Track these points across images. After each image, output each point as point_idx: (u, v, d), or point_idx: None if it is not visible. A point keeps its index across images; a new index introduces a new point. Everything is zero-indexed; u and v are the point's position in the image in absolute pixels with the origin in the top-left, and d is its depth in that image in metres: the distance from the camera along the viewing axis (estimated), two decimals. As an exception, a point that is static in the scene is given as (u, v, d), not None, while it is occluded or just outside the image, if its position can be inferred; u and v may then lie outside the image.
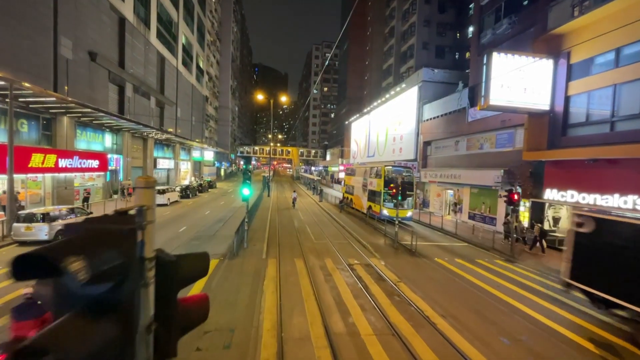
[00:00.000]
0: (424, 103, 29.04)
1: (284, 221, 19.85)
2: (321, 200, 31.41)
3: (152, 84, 34.20)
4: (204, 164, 60.40)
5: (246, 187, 11.94)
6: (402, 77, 39.80)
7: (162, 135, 33.75)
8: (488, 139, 20.41)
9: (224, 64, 73.89)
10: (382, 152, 38.43)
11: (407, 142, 31.32)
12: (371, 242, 14.81)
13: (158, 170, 38.81)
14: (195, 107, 52.04)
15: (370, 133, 43.74)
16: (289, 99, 40.09)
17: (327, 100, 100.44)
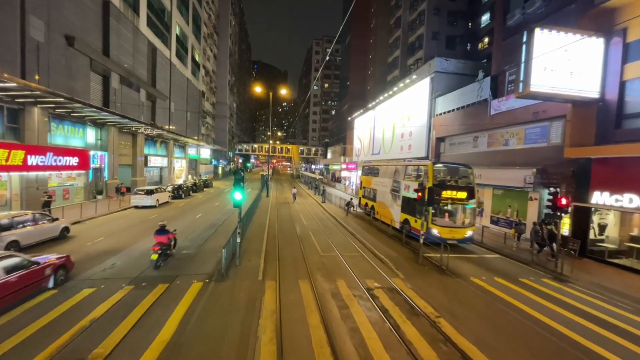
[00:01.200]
0: (436, 96, 26.67)
1: (284, 227, 17.51)
2: (324, 201, 29.06)
3: (141, 76, 31.75)
4: (201, 162, 57.97)
5: (238, 190, 9.58)
6: (409, 69, 37.38)
7: (153, 131, 31.32)
8: (515, 134, 18.07)
9: (221, 58, 71.33)
10: (388, 150, 36.08)
11: (417, 139, 28.97)
12: (388, 254, 12.47)
13: (150, 169, 36.42)
14: (190, 102, 49.57)
15: (375, 129, 41.37)
16: (289, 91, 38.31)
17: (327, 96, 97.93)
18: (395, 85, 33.92)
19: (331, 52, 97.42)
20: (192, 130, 51.16)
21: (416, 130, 29.17)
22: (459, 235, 13.91)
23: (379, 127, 39.74)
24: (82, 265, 9.79)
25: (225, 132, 73.47)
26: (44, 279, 7.97)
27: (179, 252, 11.74)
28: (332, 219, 20.80)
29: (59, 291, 8.06)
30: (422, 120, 28.20)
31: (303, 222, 19.29)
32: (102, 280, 8.84)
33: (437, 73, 26.84)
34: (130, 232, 14.76)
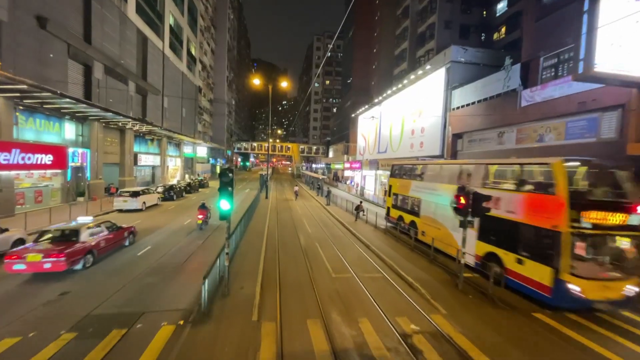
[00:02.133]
0: (452, 88, 24.21)
1: (286, 235, 15.09)
2: (328, 203, 26.60)
3: (130, 67, 29.25)
4: (197, 160, 55.55)
5: (225, 197, 7.14)
6: (419, 61, 34.91)
7: (142, 127, 28.84)
8: (553, 128, 15.61)
9: (219, 53, 68.78)
10: (396, 148, 33.62)
11: (430, 135, 26.51)
12: (417, 275, 9.99)
13: (140, 168, 33.97)
14: (186, 97, 47.06)
15: (381, 126, 38.88)
16: (289, 83, 36.31)
17: (329, 94, 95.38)
18: (404, 78, 31.45)
19: (333, 49, 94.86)
20: (188, 127, 48.69)
21: (429, 126, 26.72)
22: (615, 293, 7.61)
23: (385, 123, 37.26)
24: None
25: (223, 130, 71.00)
26: (124, 238, 12.24)
27: (151, 275, 9.28)
28: (339, 225, 18.36)
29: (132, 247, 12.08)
30: (436, 115, 25.74)
31: (307, 229, 16.85)
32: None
33: (453, 63, 24.36)
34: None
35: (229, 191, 7.09)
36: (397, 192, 17.55)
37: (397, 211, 17.12)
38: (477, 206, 8.48)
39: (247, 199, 27.85)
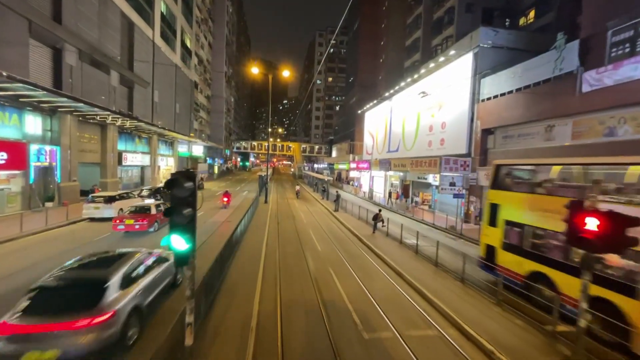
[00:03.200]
0: (482, 76, 20.87)
1: (289, 257, 11.73)
2: (337, 209, 23.24)
3: (113, 54, 25.96)
4: (193, 160, 52.25)
5: (179, 230, 3.77)
6: (435, 51, 31.60)
7: (127, 122, 25.54)
8: (631, 118, 12.26)
9: (217, 47, 65.51)
10: (410, 146, 30.27)
11: (453, 131, 23.17)
12: (492, 333, 6.58)
13: (126, 168, 30.69)
14: (180, 92, 43.81)
15: (391, 123, 35.56)
16: (292, 73, 33.61)
17: (331, 91, 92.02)
18: (418, 69, 28.06)
19: (335, 44, 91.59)
20: (183, 124, 45.42)
21: (452, 120, 23.38)
22: None
23: (397, 119, 33.93)
24: None
25: (222, 128, 67.75)
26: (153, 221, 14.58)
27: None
28: (354, 240, 15.01)
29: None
30: (460, 108, 22.41)
31: (316, 245, 13.50)
32: None
33: (482, 48, 21.00)
34: (39, 270, 8.85)
35: (186, 216, 3.73)
36: (509, 220, 9.05)
37: (512, 256, 8.77)
38: None
39: (245, 203, 24.53)
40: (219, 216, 19.26)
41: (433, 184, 25.96)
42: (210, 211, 20.92)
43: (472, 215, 20.98)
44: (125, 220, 13.43)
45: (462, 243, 15.50)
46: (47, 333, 4.49)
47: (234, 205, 23.80)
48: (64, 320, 4.60)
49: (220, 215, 19.45)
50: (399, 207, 26.88)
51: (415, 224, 20.14)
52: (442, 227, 19.08)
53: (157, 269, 7.05)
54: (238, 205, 23.83)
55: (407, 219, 22.11)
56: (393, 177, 36.14)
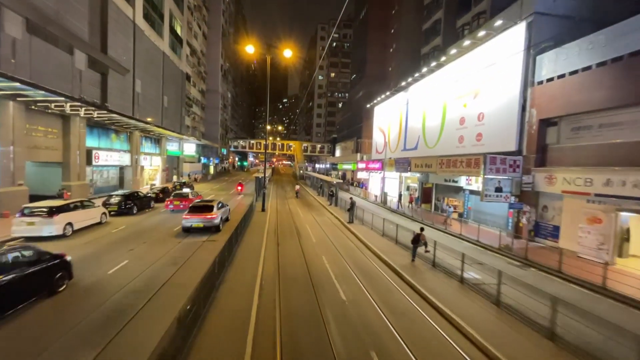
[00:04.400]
0: (538, 51, 16.37)
1: (298, 319, 7.11)
2: (351, 220, 18.65)
3: (77, 31, 21.43)
4: (185, 159, 47.73)
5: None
6: (461, 32, 27.13)
7: (93, 113, 21.00)
8: None
9: (212, 38, 60.98)
10: (433, 143, 25.76)
11: (495, 124, 18.67)
12: None
13: (100, 168, 26.17)
14: (169, 84, 39.29)
15: (408, 117, 31.05)
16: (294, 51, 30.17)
17: (334, 87, 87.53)
18: (447, 50, 23.51)
19: (339, 38, 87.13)
20: (172, 120, 40.89)
21: (492, 110, 18.89)
22: None
23: (415, 112, 29.42)
24: None
25: (217, 126, 63.21)
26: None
27: None
28: (390, 275, 10.36)
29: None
30: (505, 95, 17.92)
31: (335, 286, 8.93)
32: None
33: (537, 15, 16.49)
34: None
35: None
36: None
37: None
38: None
39: (236, 213, 20.01)
40: (236, 199, 26.81)
41: (466, 188, 21.47)
42: (229, 196, 27.54)
43: (525, 229, 16.46)
44: (173, 202, 20.14)
45: (539, 275, 11.00)
46: (199, 218, 14.37)
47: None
48: (203, 214, 14.49)
49: (237, 199, 26.93)
50: (421, 214, 22.36)
51: (452, 240, 15.64)
52: (492, 246, 14.57)
53: (225, 207, 17.21)
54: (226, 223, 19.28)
55: (436, 232, 17.61)
56: (410, 179, 31.64)
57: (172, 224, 16.44)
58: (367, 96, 46.50)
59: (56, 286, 7.71)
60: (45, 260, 7.51)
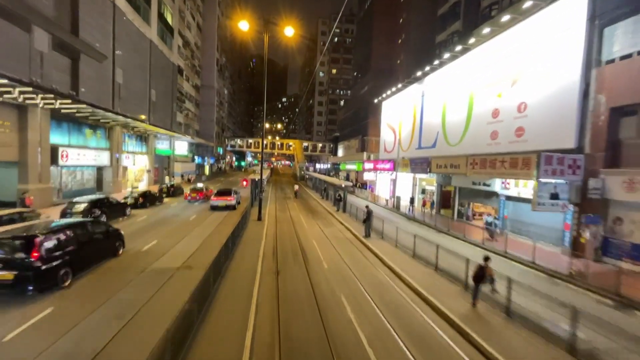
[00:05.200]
0: (605, 23, 12.96)
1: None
2: (368, 234, 15.09)
3: (35, 4, 17.89)
4: (177, 159, 44.15)
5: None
6: (487, 13, 23.70)
7: (54, 102, 17.44)
8: None
9: (208, 31, 57.43)
10: (457, 140, 22.32)
11: (544, 115, 15.24)
12: None
13: (71, 169, 22.63)
14: (158, 76, 35.74)
15: (424, 111, 27.62)
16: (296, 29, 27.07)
17: (336, 84, 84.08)
18: (477, 30, 20.09)
19: (340, 33, 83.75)
20: (161, 115, 37.35)
21: (540, 99, 15.46)
22: None
23: (433, 105, 25.99)
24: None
25: (213, 123, 59.64)
26: (209, 197, 24.83)
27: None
28: (444, 326, 6.99)
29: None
30: (559, 79, 14.51)
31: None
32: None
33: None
34: None
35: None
36: None
37: None
38: None
39: (224, 224, 16.52)
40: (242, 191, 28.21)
41: (501, 193, 18.03)
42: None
43: (589, 246, 13.00)
44: (191, 194, 25.30)
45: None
46: (222, 200, 21.67)
47: (203, 230, 15.85)
48: (225, 197, 21.77)
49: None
50: (446, 224, 18.91)
51: (498, 260, 12.20)
52: (558, 272, 11.13)
53: (238, 194, 23.90)
54: (214, 228, 15.82)
55: (471, 247, 14.16)
56: (425, 181, 28.21)
57: (147, 236, 12.91)
58: (373, 91, 43.07)
59: (117, 251, 10.69)
60: (112, 232, 10.63)
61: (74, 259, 8.38)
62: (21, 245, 7.31)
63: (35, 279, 7.10)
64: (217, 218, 18.32)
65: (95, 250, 9.52)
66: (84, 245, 8.93)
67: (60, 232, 8.27)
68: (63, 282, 7.92)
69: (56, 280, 7.71)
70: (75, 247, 8.52)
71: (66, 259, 8.08)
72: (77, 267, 8.60)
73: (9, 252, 7.23)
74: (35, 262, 7.19)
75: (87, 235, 9.29)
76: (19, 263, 7.09)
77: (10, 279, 6.86)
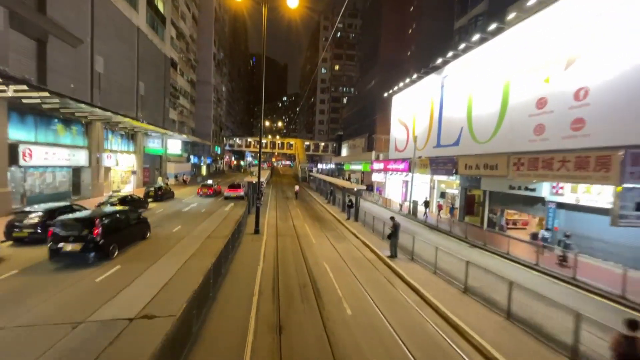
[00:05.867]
0: None
1: None
2: (394, 254, 11.85)
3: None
4: (169, 158, 40.99)
5: None
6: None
7: (8, 90, 14.28)
8: None
9: (204, 23, 54.34)
10: (487, 136, 19.14)
11: (614, 103, 12.06)
12: None
13: (39, 170, 19.46)
14: (147, 68, 32.63)
15: (443, 104, 24.44)
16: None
17: (338, 81, 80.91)
18: (519, 5, 16.91)
19: (343, 28, 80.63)
20: (152, 111, 34.23)
21: (607, 83, 12.30)
22: None
23: (455, 98, 22.82)
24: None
25: (210, 121, 56.50)
26: (218, 192, 29.81)
27: None
28: None
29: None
30: (637, 56, 11.32)
31: None
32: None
33: None
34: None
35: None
36: None
37: None
38: None
39: (211, 238, 13.36)
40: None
41: (550, 199, 14.85)
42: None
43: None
44: (202, 190, 28.49)
45: None
46: (234, 192, 27.45)
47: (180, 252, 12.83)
48: (236, 190, 27.66)
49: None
50: (481, 236, 15.72)
51: (566, 292, 9.05)
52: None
53: (245, 187, 26.29)
54: (195, 249, 12.74)
55: (520, 269, 10.99)
56: (445, 183, 25.06)
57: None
58: (382, 85, 39.91)
59: (145, 235, 13.26)
60: (142, 220, 13.25)
61: (119, 238, 10.99)
62: (86, 224, 9.83)
63: (95, 249, 9.69)
64: (208, 227, 15.21)
65: (132, 233, 12.15)
66: (125, 228, 11.57)
67: (111, 217, 10.81)
68: (112, 255, 10.47)
69: (108, 252, 10.22)
70: (120, 228, 11.14)
71: (114, 237, 10.65)
72: (121, 244, 11.16)
73: (78, 230, 9.71)
74: (96, 238, 9.73)
75: (127, 220, 11.87)
76: (84, 237, 9.62)
77: (78, 249, 9.48)
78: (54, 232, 9.57)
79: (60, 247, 9.37)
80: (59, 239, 9.44)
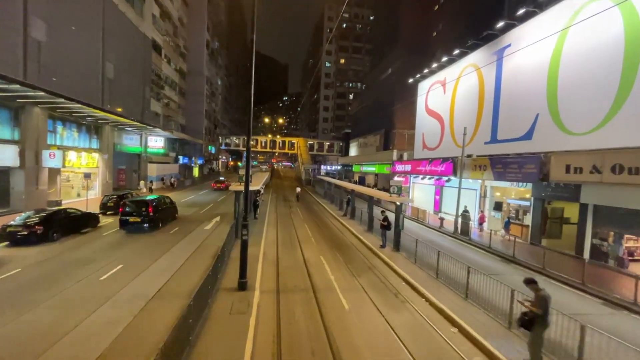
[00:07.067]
0: None
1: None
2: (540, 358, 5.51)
3: None
4: (151, 158, 34.56)
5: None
6: None
7: None
8: None
9: (196, 5, 48.11)
10: (592, 125, 12.79)
11: None
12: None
13: None
14: (118, 46, 26.30)
15: (502, 85, 18.07)
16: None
17: (344, 75, 74.71)
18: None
19: (350, 18, 74.56)
20: (126, 100, 27.90)
21: None
22: None
23: (524, 73, 16.43)
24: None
25: (202, 116, 50.18)
26: (227, 186, 35.21)
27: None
28: None
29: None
30: None
31: None
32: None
33: None
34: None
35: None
36: None
37: None
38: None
39: (184, 282, 7.20)
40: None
41: None
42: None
43: None
44: (217, 184, 35.38)
45: None
46: (220, 182, 36.52)
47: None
48: (222, 182, 36.61)
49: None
50: (592, 277, 9.39)
51: None
52: None
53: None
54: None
55: None
56: (501, 192, 18.67)
57: None
58: (401, 72, 33.67)
59: (175, 216, 18.30)
60: (173, 204, 18.33)
61: (161, 216, 16.09)
62: (144, 205, 15.06)
63: (149, 221, 14.82)
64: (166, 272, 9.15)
65: (168, 212, 17.34)
66: (164, 209, 16.65)
67: (157, 201, 15.89)
68: (159, 227, 15.66)
69: (158, 224, 15.52)
70: (162, 209, 16.32)
71: (159, 215, 15.74)
72: (163, 220, 16.35)
73: (139, 209, 14.86)
74: (150, 214, 14.86)
75: (164, 204, 16.96)
76: (142, 213, 14.77)
77: (138, 221, 14.61)
78: (124, 209, 14.77)
79: (127, 218, 14.58)
80: (126, 214, 14.65)
